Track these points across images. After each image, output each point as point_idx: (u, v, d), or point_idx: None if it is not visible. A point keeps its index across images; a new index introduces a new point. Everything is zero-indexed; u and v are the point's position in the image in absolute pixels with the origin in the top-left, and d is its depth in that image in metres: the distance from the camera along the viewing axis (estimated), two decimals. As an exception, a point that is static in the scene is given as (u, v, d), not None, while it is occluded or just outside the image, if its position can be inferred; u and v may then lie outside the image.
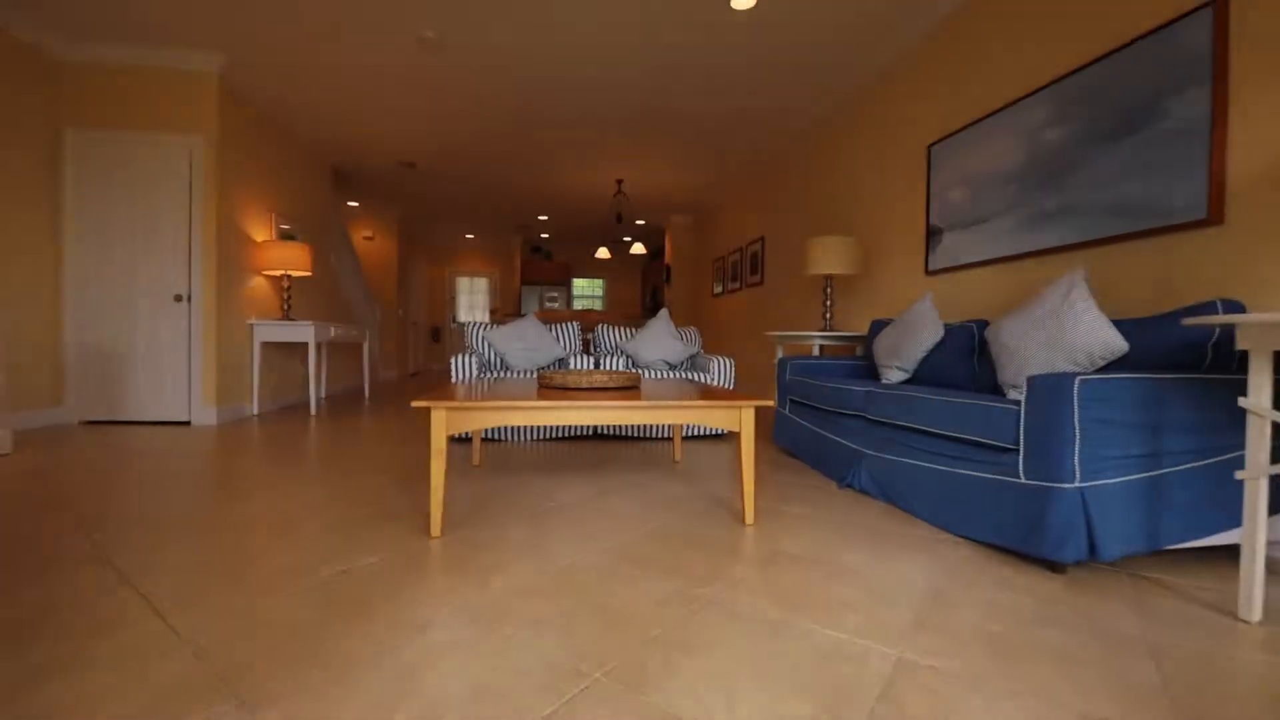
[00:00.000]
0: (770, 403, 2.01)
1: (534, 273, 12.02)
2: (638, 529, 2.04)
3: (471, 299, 12.40)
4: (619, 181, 7.46)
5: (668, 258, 9.85)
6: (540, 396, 2.08)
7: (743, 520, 2.13)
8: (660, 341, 4.21)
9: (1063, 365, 2.05)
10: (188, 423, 4.35)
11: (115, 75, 4.19)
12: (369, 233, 9.36)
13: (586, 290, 13.04)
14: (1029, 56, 2.90)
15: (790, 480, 2.80)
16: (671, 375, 3.88)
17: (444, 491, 2.03)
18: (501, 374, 3.79)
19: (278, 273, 4.90)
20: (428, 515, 2.15)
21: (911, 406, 2.30)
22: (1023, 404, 1.80)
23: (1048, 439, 1.70)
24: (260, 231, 4.97)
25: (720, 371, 3.88)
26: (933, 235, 3.53)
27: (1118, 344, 1.96)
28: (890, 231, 3.99)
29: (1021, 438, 1.79)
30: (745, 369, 6.97)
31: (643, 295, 12.68)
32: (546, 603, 1.46)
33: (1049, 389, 1.70)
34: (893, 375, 3.04)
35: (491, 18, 3.76)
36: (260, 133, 4.97)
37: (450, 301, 12.19)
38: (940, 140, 3.47)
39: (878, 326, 3.51)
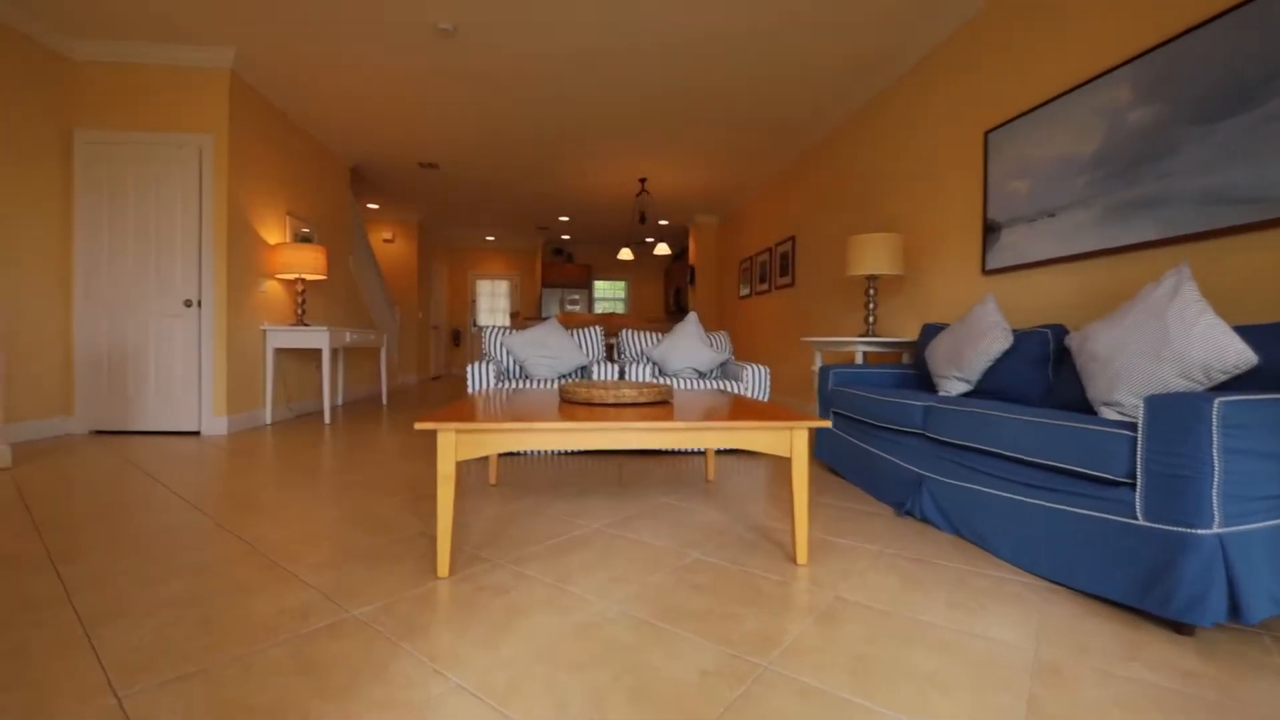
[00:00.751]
0: (825, 423, 1.73)
1: (555, 275, 11.84)
2: (672, 566, 1.78)
3: (492, 302, 12.27)
4: (642, 180, 7.21)
5: (692, 258, 9.57)
6: (562, 413, 1.84)
7: (793, 558, 1.85)
8: (689, 348, 3.94)
9: (1172, 381, 1.74)
10: (197, 433, 4.21)
11: (124, 73, 4.07)
12: (389, 235, 9.26)
13: (608, 292, 12.82)
14: (1108, 28, 2.58)
15: (838, 504, 2.51)
16: (701, 384, 3.61)
17: (454, 521, 1.80)
18: (521, 383, 3.57)
19: (292, 276, 4.75)
20: (434, 548, 1.92)
21: (986, 426, 2.00)
22: (1140, 428, 1.50)
23: (1177, 473, 1.39)
24: (274, 233, 4.82)
25: (754, 381, 3.60)
26: (990, 231, 3.21)
27: (1245, 355, 1.64)
28: (940, 228, 3.67)
29: (1140, 470, 1.49)
30: (778, 376, 6.66)
31: (666, 297, 12.41)
32: (569, 674, 1.21)
33: (1178, 411, 1.40)
34: (952, 386, 2.73)
35: (510, 6, 3.54)
36: (274, 131, 4.83)
37: (471, 304, 12.07)
38: (999, 126, 3.14)
39: (930, 332, 3.19)
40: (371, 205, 8.66)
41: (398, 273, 9.30)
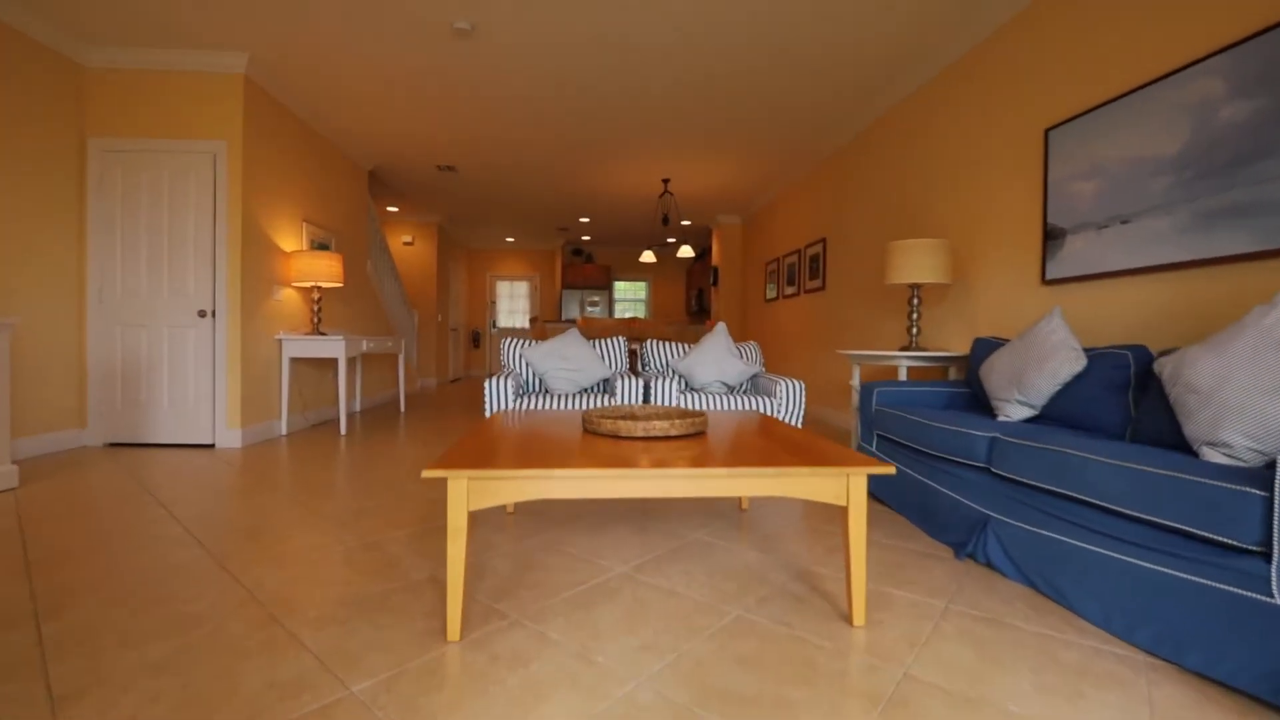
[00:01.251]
0: (888, 468, 1.52)
1: (575, 276, 11.69)
2: (711, 627, 1.58)
3: (512, 304, 12.17)
4: (665, 181, 7.00)
5: (715, 259, 9.33)
6: (586, 452, 1.64)
7: (848, 618, 1.64)
8: (717, 360, 3.73)
9: (1299, 421, 1.49)
10: (212, 445, 4.11)
11: (137, 80, 3.98)
12: (409, 237, 9.18)
13: (629, 293, 12.64)
14: (1197, 13, 2.30)
15: (891, 543, 2.28)
16: (731, 401, 3.40)
17: (467, 561, 1.62)
18: (541, 401, 3.39)
19: (308, 285, 4.64)
20: (445, 595, 1.74)
21: (1068, 469, 1.76)
22: (1277, 486, 1.25)
23: (1331, 548, 1.15)
24: (290, 240, 4.71)
25: (788, 397, 3.38)
26: (1052, 237, 2.94)
27: (1394, 395, 1.38)
28: (990, 232, 3.41)
29: (1276, 540, 1.25)
30: (808, 385, 6.39)
31: (687, 298, 12.19)
32: (598, 791, 1.02)
33: (1333, 474, 1.16)
34: (1013, 411, 2.48)
35: (527, 4, 3.36)
36: (289, 137, 4.72)
37: (490, 306, 11.98)
38: (1063, 123, 2.87)
39: (984, 347, 2.94)
40: (391, 208, 8.57)
41: (417, 275, 9.21)
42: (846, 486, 1.56)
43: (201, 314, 4.05)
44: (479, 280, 11.92)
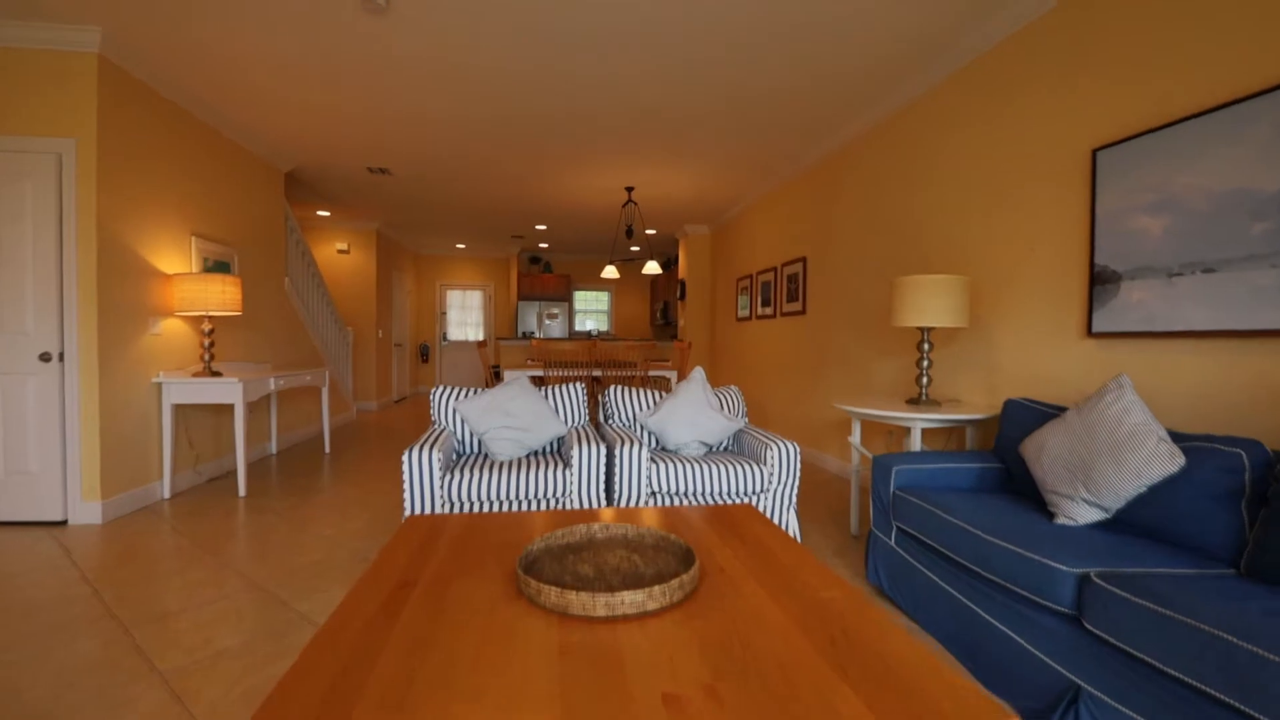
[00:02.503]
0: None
1: (532, 286, 10.93)
2: None
3: (464, 314, 11.33)
4: (629, 190, 6.36)
5: (681, 272, 8.74)
6: (511, 652, 0.99)
7: None
8: (694, 414, 3.11)
9: None
10: (64, 523, 3.27)
11: (-48, 57, 3.10)
12: (343, 245, 8.28)
13: (590, 304, 11.95)
14: (1313, 9, 1.80)
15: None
16: (711, 472, 2.78)
17: None
18: (478, 473, 2.69)
19: (196, 314, 3.81)
20: None
21: (1234, 663, 1.20)
22: None
23: None
24: (173, 260, 3.87)
25: (780, 464, 2.79)
26: (1101, 281, 2.42)
27: None
28: (1017, 269, 2.89)
29: None
30: (783, 415, 5.87)
31: (652, 311, 11.59)
32: None
33: None
34: (1077, 512, 1.94)
35: (460, -29, 2.67)
36: (172, 134, 3.88)
37: (440, 317, 11.11)
38: (1117, 143, 2.36)
39: (1019, 413, 2.41)
40: (322, 212, 7.67)
41: (355, 287, 8.32)
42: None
43: (44, 358, 3.20)
44: (428, 289, 11.04)
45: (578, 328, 11.85)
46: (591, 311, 11.97)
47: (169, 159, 3.82)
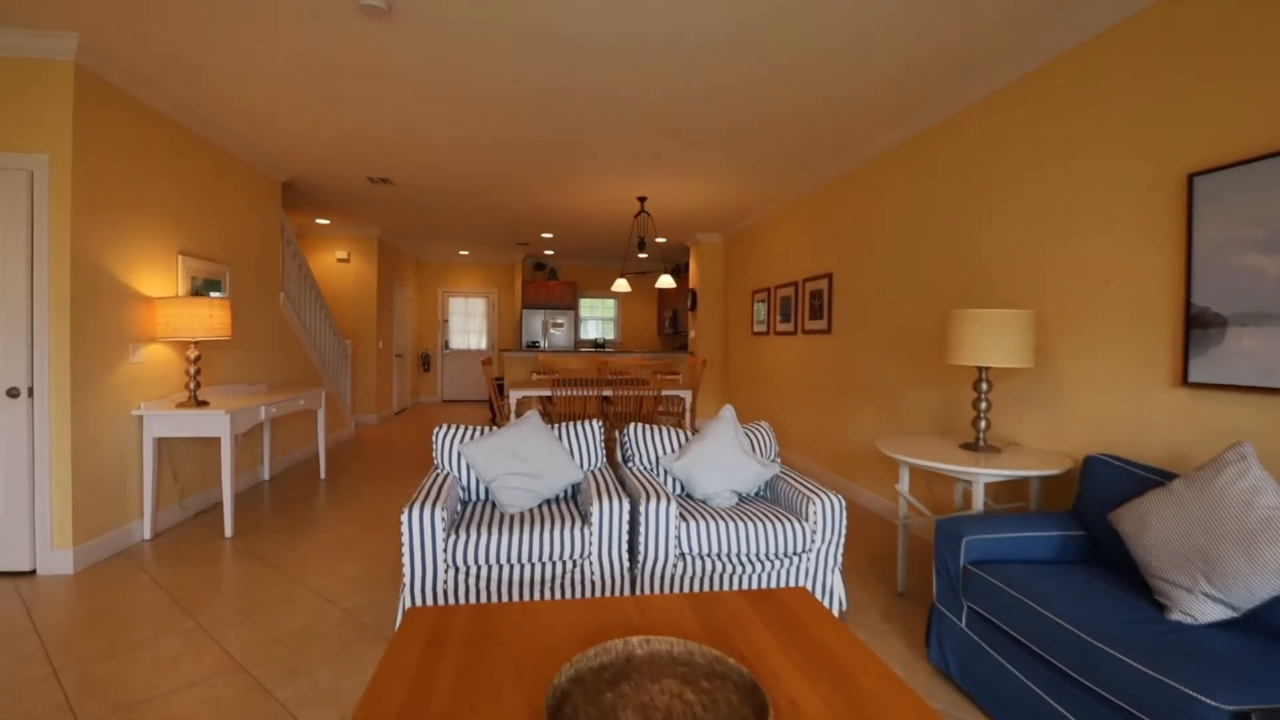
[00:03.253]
0: None
1: (537, 294, 10.64)
2: None
3: (466, 321, 11.05)
4: (641, 200, 6.07)
5: (692, 281, 8.45)
6: None
7: None
8: (726, 460, 2.82)
9: None
10: (32, 573, 2.99)
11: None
12: (344, 253, 8.01)
13: (597, 312, 11.65)
14: None
15: None
16: (746, 530, 2.49)
17: None
18: (485, 530, 2.40)
19: (181, 339, 3.53)
20: None
21: None
22: None
23: None
24: (156, 282, 3.59)
25: (825, 521, 2.49)
26: (1201, 324, 2.13)
27: None
28: (1088, 304, 2.60)
29: None
30: (802, 437, 5.57)
31: (660, 319, 11.29)
32: None
33: None
34: (1196, 608, 1.65)
35: (470, -30, 2.38)
36: (158, 146, 3.59)
37: (443, 325, 10.83)
38: (1220, 169, 2.06)
39: (1105, 473, 2.12)
40: (322, 220, 7.39)
41: (355, 295, 8.04)
42: None
43: (12, 393, 2.92)
44: (429, 295, 10.76)
45: (583, 336, 11.56)
46: (598, 318, 11.68)
47: (155, 173, 3.54)
